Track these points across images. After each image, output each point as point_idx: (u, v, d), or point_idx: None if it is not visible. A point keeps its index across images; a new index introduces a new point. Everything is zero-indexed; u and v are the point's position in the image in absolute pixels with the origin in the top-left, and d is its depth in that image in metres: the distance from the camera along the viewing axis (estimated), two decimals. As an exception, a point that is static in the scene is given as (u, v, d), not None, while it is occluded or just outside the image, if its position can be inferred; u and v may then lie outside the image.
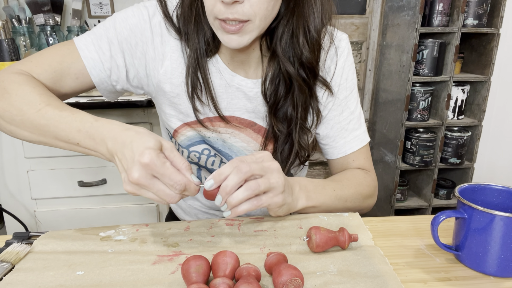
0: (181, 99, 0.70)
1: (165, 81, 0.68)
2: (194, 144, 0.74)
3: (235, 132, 0.73)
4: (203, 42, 0.65)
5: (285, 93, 0.68)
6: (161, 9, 0.65)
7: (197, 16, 0.63)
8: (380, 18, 2.05)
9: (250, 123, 0.72)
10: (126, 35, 0.65)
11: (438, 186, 1.99)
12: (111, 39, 0.65)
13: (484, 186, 0.60)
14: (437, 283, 0.53)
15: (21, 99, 0.58)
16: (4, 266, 0.54)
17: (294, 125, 0.70)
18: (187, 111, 0.70)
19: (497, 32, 1.76)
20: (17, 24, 1.63)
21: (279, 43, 0.65)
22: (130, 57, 0.66)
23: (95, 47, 0.65)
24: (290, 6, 0.63)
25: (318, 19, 0.65)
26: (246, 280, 0.45)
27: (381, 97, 2.08)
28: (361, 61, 2.16)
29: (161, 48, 0.66)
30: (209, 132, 0.72)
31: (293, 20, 0.63)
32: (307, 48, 0.65)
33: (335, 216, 0.67)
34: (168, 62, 0.67)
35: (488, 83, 1.82)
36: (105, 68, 0.66)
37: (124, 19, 0.65)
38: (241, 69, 0.69)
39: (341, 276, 0.51)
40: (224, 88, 0.70)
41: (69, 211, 1.43)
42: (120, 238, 0.61)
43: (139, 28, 0.65)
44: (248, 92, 0.70)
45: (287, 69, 0.66)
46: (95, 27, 0.68)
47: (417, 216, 0.71)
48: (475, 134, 1.92)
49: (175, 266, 0.54)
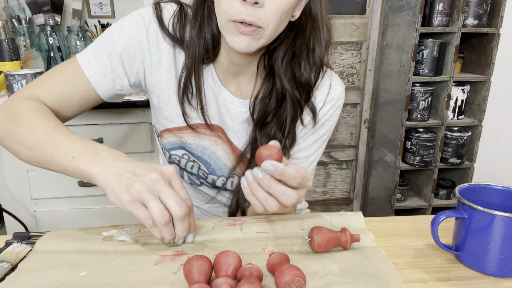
0: (167, 105, 0.71)
1: (156, 85, 0.70)
2: (174, 149, 0.76)
3: (218, 141, 0.74)
4: (203, 48, 0.66)
5: (275, 111, 0.69)
6: (156, 18, 0.66)
7: (202, 23, 0.65)
8: (380, 18, 2.05)
9: (228, 140, 0.75)
10: (124, 45, 0.66)
11: (438, 186, 2.00)
12: (110, 50, 0.66)
13: (484, 186, 0.60)
14: (437, 283, 0.53)
15: (30, 122, 0.60)
16: (4, 266, 0.54)
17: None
18: (171, 117, 0.72)
19: (497, 32, 1.76)
20: (17, 24, 1.63)
21: (280, 61, 0.67)
22: (129, 65, 0.68)
23: (96, 61, 0.66)
24: (295, 29, 0.65)
25: (323, 45, 0.67)
26: (248, 280, 0.46)
27: (381, 97, 2.08)
28: (361, 61, 2.16)
29: (157, 55, 0.68)
30: (191, 138, 0.73)
31: (297, 43, 0.66)
32: (308, 70, 0.67)
33: (338, 216, 0.67)
34: (161, 69, 0.69)
35: (488, 83, 1.83)
36: (108, 80, 0.68)
37: (121, 29, 0.66)
38: (232, 83, 0.71)
39: (343, 277, 0.52)
40: (213, 97, 0.71)
41: (69, 211, 1.43)
42: (122, 238, 0.61)
43: (135, 37, 0.66)
44: (231, 109, 0.71)
45: (283, 84, 0.67)
46: (95, 40, 0.69)
47: (417, 216, 0.71)
48: (475, 134, 1.92)
49: (177, 266, 0.54)
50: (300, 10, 0.65)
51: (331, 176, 2.36)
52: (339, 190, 2.40)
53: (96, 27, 1.78)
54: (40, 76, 0.68)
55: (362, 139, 2.27)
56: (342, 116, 2.24)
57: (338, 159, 2.32)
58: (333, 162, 2.32)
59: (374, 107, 2.16)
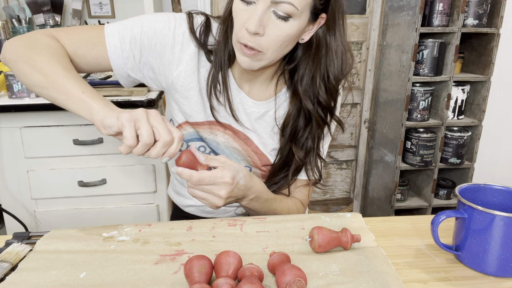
0: (187, 101, 0.78)
1: (177, 83, 0.77)
2: (192, 140, 0.82)
3: (230, 139, 0.82)
4: (227, 54, 0.75)
5: (304, 126, 0.79)
6: (187, 23, 0.76)
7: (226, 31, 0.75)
8: (380, 18, 2.05)
9: (243, 137, 0.82)
10: (149, 35, 0.74)
11: (438, 186, 2.00)
12: (135, 34, 0.74)
13: (484, 186, 0.60)
14: (437, 283, 0.53)
15: (51, 56, 0.67)
16: (4, 266, 0.54)
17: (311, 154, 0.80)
18: (190, 112, 0.79)
19: (497, 32, 1.76)
20: (17, 24, 1.63)
21: (300, 83, 0.75)
22: (146, 54, 0.75)
23: (119, 36, 0.74)
24: (310, 52, 0.73)
25: (338, 69, 0.73)
26: (249, 280, 0.46)
27: (381, 97, 2.08)
28: (361, 61, 2.16)
29: (179, 54, 0.75)
30: (207, 133, 0.81)
31: (313, 66, 0.73)
32: (323, 90, 0.74)
33: (338, 217, 0.67)
34: (183, 68, 0.76)
35: (488, 83, 1.83)
36: (122, 56, 0.74)
37: (153, 21, 0.74)
38: (246, 86, 0.79)
39: (343, 276, 0.52)
40: (233, 97, 0.79)
41: (69, 211, 1.43)
42: (123, 238, 0.61)
43: (162, 33, 0.74)
44: (246, 109, 0.80)
45: (307, 106, 0.75)
46: (128, 19, 0.76)
47: (417, 216, 0.71)
48: (475, 134, 1.92)
49: (178, 266, 0.54)
50: (310, 34, 0.71)
51: (331, 176, 2.36)
52: (339, 190, 2.40)
53: (96, 27, 1.79)
54: (67, 27, 0.74)
55: (362, 139, 2.27)
56: (342, 116, 2.23)
57: (338, 159, 2.32)
58: (333, 162, 2.33)
59: (374, 107, 2.16)
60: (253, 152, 0.83)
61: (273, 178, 0.83)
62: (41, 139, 1.33)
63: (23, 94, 1.29)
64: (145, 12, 1.47)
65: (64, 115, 1.31)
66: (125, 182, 1.42)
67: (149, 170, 1.42)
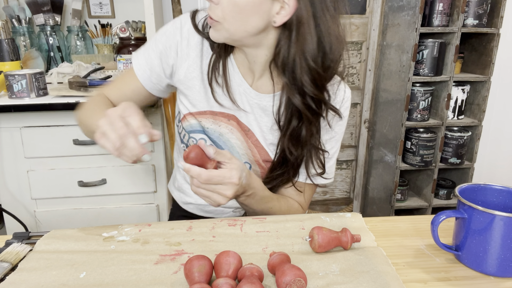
0: (191, 91, 0.82)
1: (184, 75, 0.82)
2: (194, 132, 0.85)
3: (234, 129, 0.82)
4: None
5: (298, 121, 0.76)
6: (191, 20, 0.81)
7: None
8: (380, 18, 2.05)
9: (244, 128, 0.82)
10: (163, 41, 0.81)
11: (438, 186, 2.00)
12: (153, 46, 0.82)
13: (484, 186, 0.60)
14: (437, 283, 0.53)
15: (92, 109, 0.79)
16: (4, 266, 0.54)
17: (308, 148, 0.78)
18: (194, 101, 0.83)
19: (497, 32, 1.76)
20: (17, 24, 1.63)
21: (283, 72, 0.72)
22: (166, 58, 0.81)
23: (144, 56, 0.83)
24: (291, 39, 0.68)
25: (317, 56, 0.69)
26: (249, 280, 0.46)
27: (381, 97, 2.08)
28: (361, 61, 2.16)
29: (186, 49, 0.81)
30: (209, 123, 0.83)
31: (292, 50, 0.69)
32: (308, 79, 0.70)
33: (338, 217, 0.67)
34: (189, 60, 0.81)
35: (488, 83, 1.83)
36: (146, 69, 0.82)
37: (164, 30, 0.82)
38: (248, 77, 0.81)
39: (343, 276, 0.52)
40: (237, 86, 0.81)
41: (69, 211, 1.43)
42: (123, 238, 0.61)
43: (172, 33, 0.81)
44: (249, 100, 0.81)
45: (293, 98, 0.73)
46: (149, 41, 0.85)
47: (417, 216, 0.71)
48: (475, 134, 1.92)
49: (177, 266, 0.54)
50: (283, 18, 0.67)
51: (331, 176, 2.36)
52: (339, 190, 2.40)
53: (96, 27, 1.78)
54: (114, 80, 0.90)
55: (362, 139, 2.27)
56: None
57: (338, 159, 2.32)
58: (333, 162, 2.32)
59: (374, 107, 2.16)
60: (252, 144, 0.83)
61: (272, 174, 0.83)
62: (41, 139, 1.33)
63: (23, 94, 1.29)
64: (145, 12, 1.47)
65: (64, 115, 1.31)
66: (125, 182, 1.42)
67: (149, 170, 1.42)
